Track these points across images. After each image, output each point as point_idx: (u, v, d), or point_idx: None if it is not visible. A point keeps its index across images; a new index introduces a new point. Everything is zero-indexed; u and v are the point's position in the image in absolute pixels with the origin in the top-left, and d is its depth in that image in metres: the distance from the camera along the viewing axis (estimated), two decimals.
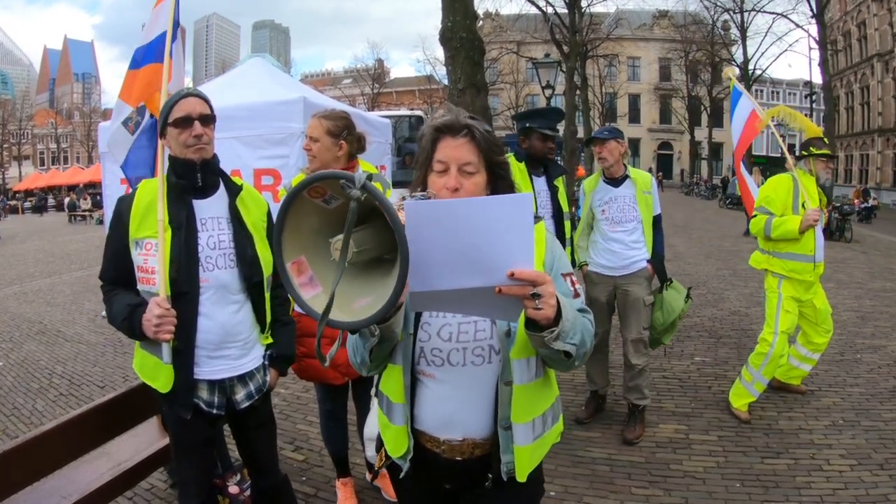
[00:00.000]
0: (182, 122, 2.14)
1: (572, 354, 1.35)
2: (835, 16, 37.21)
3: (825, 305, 4.49)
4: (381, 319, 1.22)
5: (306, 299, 1.23)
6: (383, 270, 1.21)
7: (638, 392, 4.03)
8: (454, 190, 1.45)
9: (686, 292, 4.20)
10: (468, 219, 1.15)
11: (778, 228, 4.13)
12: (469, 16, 6.85)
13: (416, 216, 1.15)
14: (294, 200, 1.21)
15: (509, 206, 1.15)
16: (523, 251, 1.17)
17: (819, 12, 20.72)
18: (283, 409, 4.65)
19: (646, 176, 4.14)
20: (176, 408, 2.20)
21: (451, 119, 1.50)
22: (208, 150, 2.20)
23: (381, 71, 58.95)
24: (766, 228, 4.20)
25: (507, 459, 1.55)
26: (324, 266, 1.25)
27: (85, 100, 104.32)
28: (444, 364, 1.53)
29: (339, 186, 1.17)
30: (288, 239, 1.24)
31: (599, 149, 4.02)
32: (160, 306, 2.02)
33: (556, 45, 22.76)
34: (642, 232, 4.03)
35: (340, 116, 2.92)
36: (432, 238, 1.15)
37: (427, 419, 1.59)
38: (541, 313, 1.23)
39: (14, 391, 5.37)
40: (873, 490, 3.29)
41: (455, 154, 1.47)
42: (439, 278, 1.18)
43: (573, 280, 1.57)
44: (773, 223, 4.16)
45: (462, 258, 1.16)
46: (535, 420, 1.58)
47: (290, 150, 5.21)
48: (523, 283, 1.18)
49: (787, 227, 4.10)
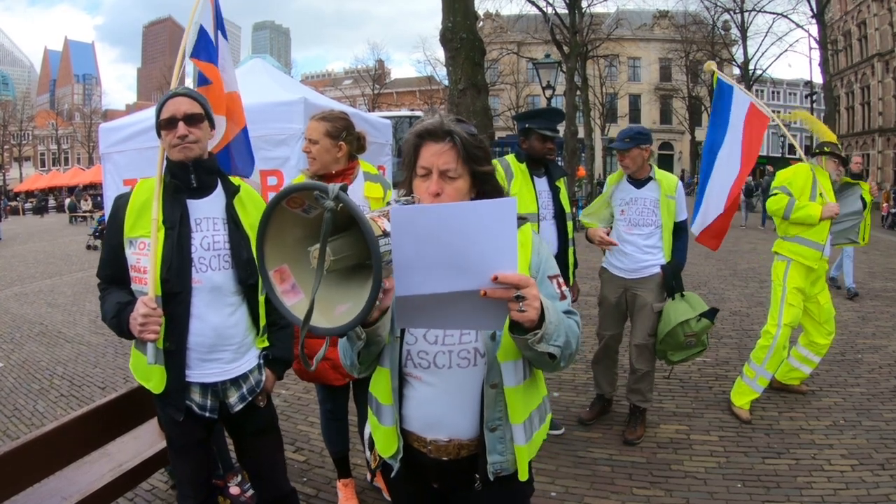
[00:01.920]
0: (167, 123, 2.13)
1: (556, 356, 1.37)
2: (835, 15, 37.17)
3: (829, 305, 4.51)
4: (362, 324, 1.26)
5: (288, 306, 1.26)
6: (363, 277, 1.22)
7: (640, 395, 4.01)
8: (435, 195, 1.47)
9: (703, 310, 3.83)
10: (452, 223, 1.16)
11: (799, 211, 4.21)
12: (469, 16, 6.87)
13: (401, 221, 1.16)
14: (274, 211, 1.24)
15: (493, 210, 1.16)
16: (507, 255, 1.18)
17: (819, 12, 20.72)
18: (283, 410, 4.64)
19: (672, 179, 3.96)
20: (168, 409, 2.19)
21: (434, 124, 1.51)
22: (195, 150, 2.16)
23: (382, 72, 58.92)
24: (787, 208, 4.27)
25: (493, 460, 1.57)
26: (305, 274, 1.27)
27: (85, 101, 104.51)
28: (430, 366, 1.55)
29: (313, 197, 1.19)
30: (270, 248, 1.27)
31: (622, 157, 3.90)
32: (146, 305, 2.01)
33: (556, 46, 22.73)
34: (660, 237, 3.89)
35: (339, 117, 2.91)
36: (417, 242, 1.16)
37: (414, 420, 1.61)
38: (524, 315, 1.24)
39: (15, 392, 5.37)
40: (874, 490, 3.29)
41: (436, 160, 1.48)
42: (424, 283, 1.19)
43: (559, 282, 1.58)
44: (796, 205, 4.24)
45: (446, 262, 1.17)
46: (526, 421, 1.60)
47: (290, 151, 5.20)
48: (507, 286, 1.19)
49: (809, 212, 4.18)
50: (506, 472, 1.60)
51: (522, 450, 1.59)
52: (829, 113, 21.36)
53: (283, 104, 5.38)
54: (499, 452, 1.57)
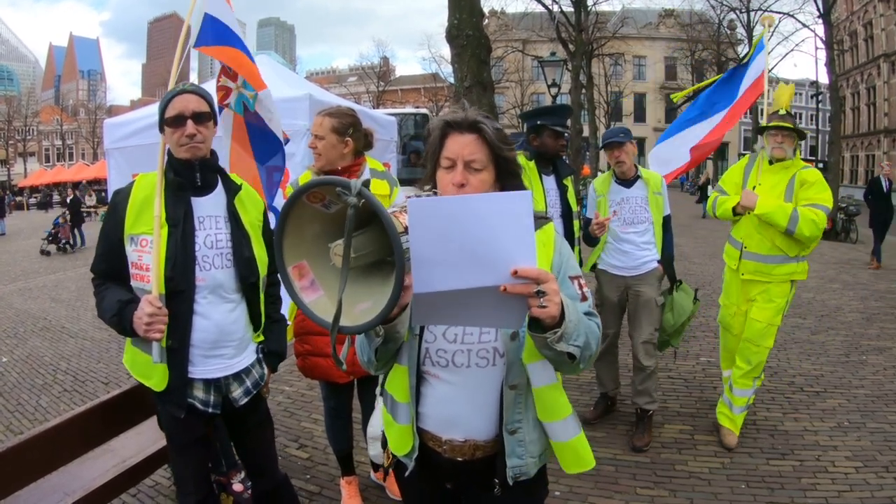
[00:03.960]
0: (174, 120, 2.11)
1: (576, 356, 1.34)
2: (841, 15, 36.99)
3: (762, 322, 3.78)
4: (382, 322, 1.23)
5: (308, 303, 1.25)
6: (384, 274, 1.21)
7: (647, 395, 4.00)
8: (460, 186, 1.46)
9: (693, 294, 4.16)
10: (470, 215, 1.14)
11: (719, 207, 3.92)
12: (475, 13, 6.84)
13: (419, 213, 1.14)
14: (294, 205, 1.23)
15: (509, 203, 1.15)
16: (525, 249, 1.16)
17: (826, 12, 20.56)
18: (287, 407, 4.65)
19: (657, 176, 4.10)
20: (170, 406, 2.18)
21: (461, 115, 1.50)
22: (202, 149, 2.15)
23: (387, 69, 58.95)
24: (713, 207, 4.03)
25: (512, 464, 1.54)
26: (325, 270, 1.26)
27: (90, 96, 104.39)
28: (448, 365, 1.53)
29: (335, 192, 1.18)
30: (289, 243, 1.25)
31: (618, 153, 3.94)
32: (152, 304, 2.00)
33: (561, 44, 22.72)
34: (653, 233, 3.99)
35: (345, 114, 2.90)
36: (435, 235, 1.14)
37: (430, 418, 1.59)
38: (545, 311, 1.21)
39: (18, 387, 5.39)
40: (879, 492, 3.28)
41: (462, 150, 1.47)
42: (443, 279, 1.16)
43: (581, 283, 1.56)
44: (718, 201, 3.96)
45: (465, 256, 1.15)
46: (570, 416, 1.58)
47: (296, 148, 5.20)
48: (527, 281, 1.17)
49: (725, 206, 3.87)
50: (525, 476, 1.57)
51: (564, 446, 1.57)
52: (834, 113, 21.22)
53: (289, 100, 5.38)
54: (518, 456, 1.55)
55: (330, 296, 1.23)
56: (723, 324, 4.16)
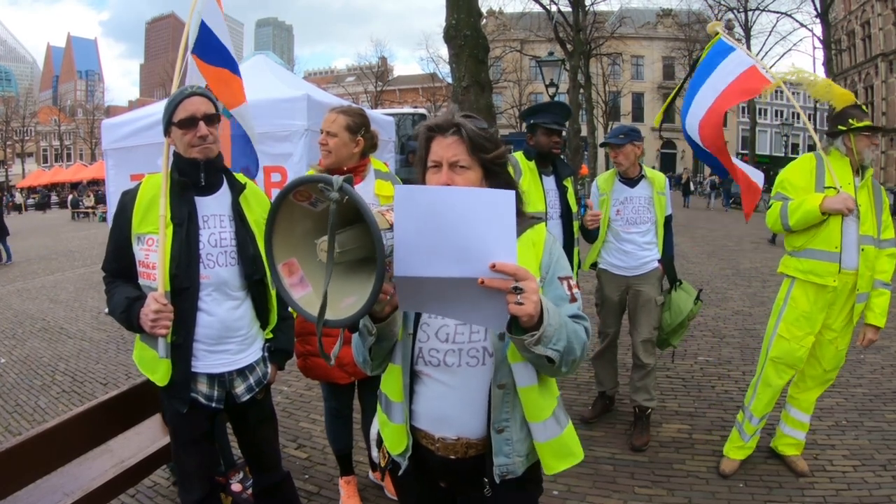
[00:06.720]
0: (186, 122, 2.15)
1: (555, 361, 1.35)
2: (839, 15, 37.09)
3: (844, 350, 3.45)
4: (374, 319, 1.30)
5: (296, 299, 1.28)
6: (370, 270, 1.23)
7: (646, 392, 4.01)
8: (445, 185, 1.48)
9: (696, 295, 4.13)
10: (453, 206, 1.17)
11: (796, 212, 3.18)
12: (473, 13, 6.85)
13: (406, 200, 1.17)
14: (281, 204, 1.26)
15: (493, 199, 1.17)
16: (505, 245, 1.18)
17: (823, 11, 20.64)
18: (285, 407, 4.65)
19: (660, 176, 4.08)
20: (173, 401, 2.23)
21: (442, 118, 1.55)
22: (213, 150, 2.22)
23: (385, 69, 58.93)
24: (782, 216, 3.26)
25: (499, 462, 1.56)
26: (313, 267, 1.29)
27: (88, 97, 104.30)
28: (440, 364, 1.56)
29: (319, 190, 1.21)
30: (279, 241, 1.28)
31: (615, 154, 3.94)
32: (157, 301, 2.05)
33: (559, 44, 22.74)
34: (655, 233, 3.99)
35: (358, 113, 2.89)
36: (419, 222, 1.17)
37: (423, 417, 1.62)
38: (522, 309, 1.22)
39: (17, 388, 5.38)
40: (876, 491, 3.28)
41: (445, 152, 1.51)
42: (424, 265, 1.19)
43: (571, 284, 1.57)
44: (790, 207, 3.22)
45: (446, 245, 1.18)
46: (550, 418, 1.59)
47: (293, 148, 5.19)
48: (505, 276, 1.19)
49: (807, 207, 3.14)
50: (512, 474, 1.59)
51: (543, 447, 1.58)
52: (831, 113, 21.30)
53: (287, 101, 5.37)
54: (505, 454, 1.56)
55: (318, 292, 1.26)
56: (786, 362, 3.38)
